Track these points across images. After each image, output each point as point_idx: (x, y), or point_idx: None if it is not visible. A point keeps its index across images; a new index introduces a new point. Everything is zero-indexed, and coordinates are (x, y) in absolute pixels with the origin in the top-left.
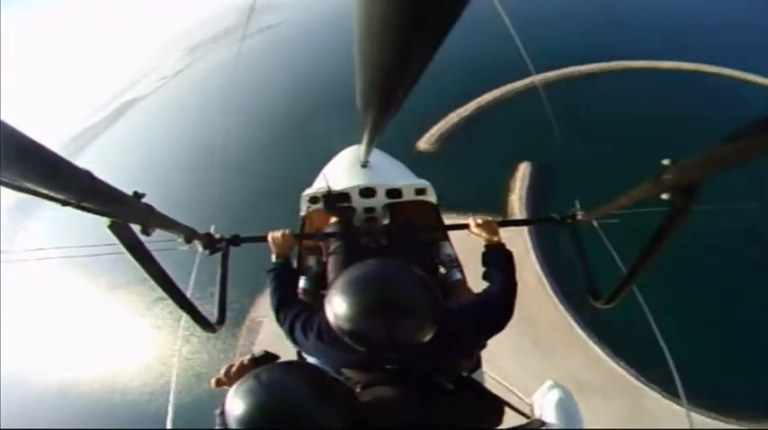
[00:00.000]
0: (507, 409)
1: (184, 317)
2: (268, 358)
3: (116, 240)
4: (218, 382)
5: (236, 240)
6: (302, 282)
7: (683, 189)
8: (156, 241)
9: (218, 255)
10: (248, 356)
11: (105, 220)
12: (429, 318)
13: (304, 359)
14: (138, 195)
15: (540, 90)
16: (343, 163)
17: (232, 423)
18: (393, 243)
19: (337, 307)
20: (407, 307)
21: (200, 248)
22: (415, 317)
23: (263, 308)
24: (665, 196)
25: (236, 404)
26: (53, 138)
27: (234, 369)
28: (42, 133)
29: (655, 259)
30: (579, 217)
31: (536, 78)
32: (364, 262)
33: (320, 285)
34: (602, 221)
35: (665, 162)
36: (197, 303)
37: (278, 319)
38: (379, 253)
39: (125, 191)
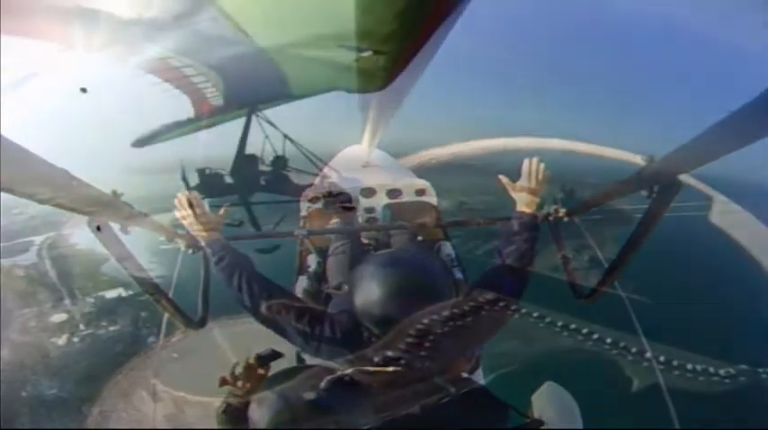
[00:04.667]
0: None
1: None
2: (274, 356)
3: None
4: (223, 381)
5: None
6: (302, 282)
7: (661, 185)
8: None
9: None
10: (253, 355)
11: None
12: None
13: (303, 361)
14: (116, 194)
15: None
16: (343, 163)
17: None
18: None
19: (369, 292)
20: (436, 288)
21: (182, 247)
22: (443, 298)
23: (111, 400)
24: (644, 192)
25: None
26: None
27: (239, 368)
28: None
29: (635, 254)
30: (561, 213)
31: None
32: (384, 251)
33: (320, 285)
34: (584, 218)
35: (644, 159)
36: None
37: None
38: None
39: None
